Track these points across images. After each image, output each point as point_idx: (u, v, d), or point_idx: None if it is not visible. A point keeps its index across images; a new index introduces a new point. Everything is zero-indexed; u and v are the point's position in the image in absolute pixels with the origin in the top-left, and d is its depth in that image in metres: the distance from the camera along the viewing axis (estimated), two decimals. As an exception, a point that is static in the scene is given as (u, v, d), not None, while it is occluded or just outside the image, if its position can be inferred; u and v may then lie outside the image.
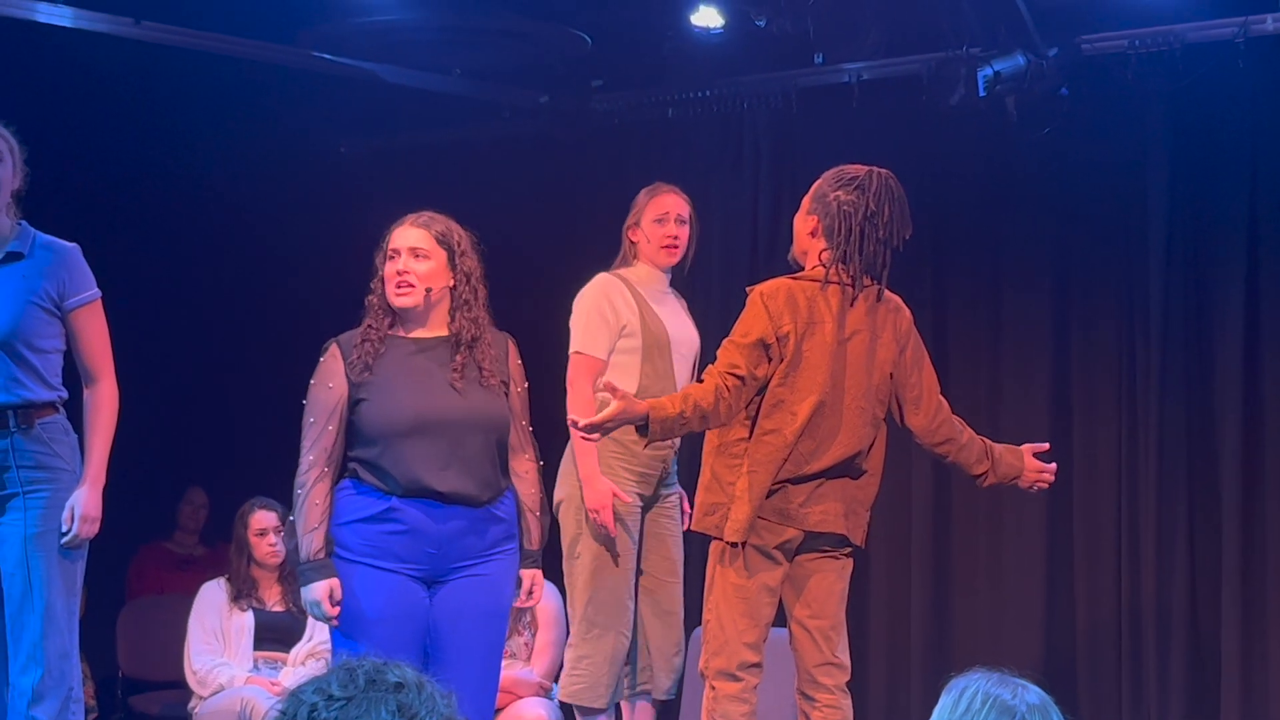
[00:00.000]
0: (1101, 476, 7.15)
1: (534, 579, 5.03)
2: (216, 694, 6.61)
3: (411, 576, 4.82)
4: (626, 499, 5.73)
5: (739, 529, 5.04)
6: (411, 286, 4.84)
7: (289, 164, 8.04)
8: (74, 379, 5.02)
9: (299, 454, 4.82)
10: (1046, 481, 5.33)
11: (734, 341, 5.06)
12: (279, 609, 6.82)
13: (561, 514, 5.88)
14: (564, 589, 6.06)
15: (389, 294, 4.86)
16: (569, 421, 5.19)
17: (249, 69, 7.42)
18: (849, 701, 5.21)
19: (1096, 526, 7.14)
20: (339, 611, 4.77)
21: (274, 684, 6.55)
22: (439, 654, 4.85)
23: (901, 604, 7.47)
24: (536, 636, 6.63)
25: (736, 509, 5.05)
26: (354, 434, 4.82)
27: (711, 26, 7.19)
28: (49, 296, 4.88)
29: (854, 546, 5.23)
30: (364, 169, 8.35)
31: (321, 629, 6.44)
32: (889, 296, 5.20)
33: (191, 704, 6.73)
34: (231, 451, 8.35)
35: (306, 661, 6.70)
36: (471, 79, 7.93)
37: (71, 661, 4.93)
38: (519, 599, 5.03)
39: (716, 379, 4.99)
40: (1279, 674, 6.73)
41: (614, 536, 5.78)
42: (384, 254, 4.90)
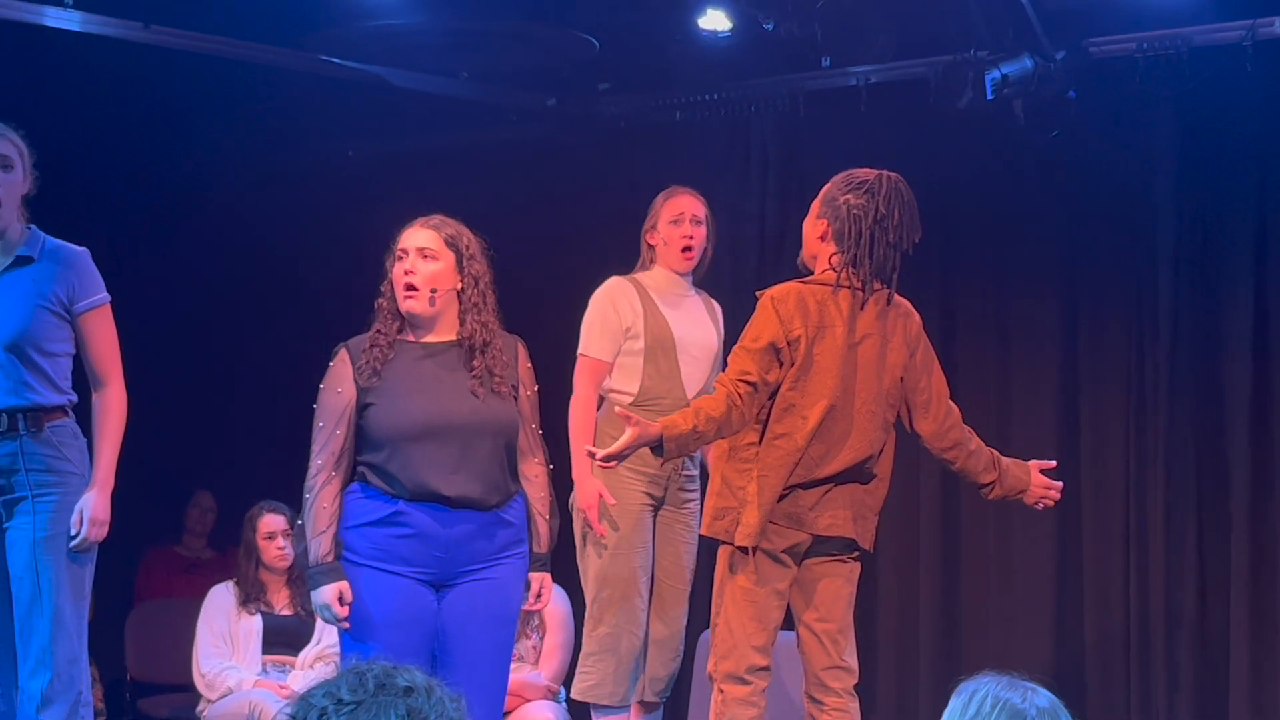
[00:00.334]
0: (1110, 481, 7.14)
1: (542, 582, 5.03)
2: (225, 697, 6.61)
3: (419, 580, 4.83)
4: (612, 500, 5.74)
5: (750, 534, 5.04)
6: (417, 290, 4.84)
7: (297, 168, 8.04)
8: (83, 383, 5.02)
9: (308, 458, 4.83)
10: (1052, 499, 5.32)
11: (744, 347, 5.05)
12: (287, 612, 6.83)
13: (575, 512, 5.90)
14: (576, 589, 6.09)
15: (398, 298, 4.87)
16: (586, 452, 5.20)
17: (257, 73, 7.42)
18: (857, 705, 5.21)
19: (1105, 531, 7.13)
20: (349, 614, 4.77)
21: (282, 687, 6.56)
22: (447, 657, 4.85)
23: (910, 608, 7.46)
24: (544, 639, 6.64)
25: (747, 514, 5.05)
26: (363, 438, 4.83)
27: (719, 30, 7.18)
28: (58, 300, 4.88)
29: (862, 551, 5.23)
30: (372, 173, 8.35)
31: (330, 632, 6.44)
32: (899, 301, 5.20)
33: (200, 707, 6.73)
34: (240, 455, 8.35)
35: (315, 665, 6.71)
36: (479, 82, 7.93)
37: (80, 665, 4.93)
38: (527, 602, 5.03)
39: (728, 387, 4.99)
40: (1288, 678, 6.74)
41: (602, 535, 5.79)
42: (393, 256, 4.91)
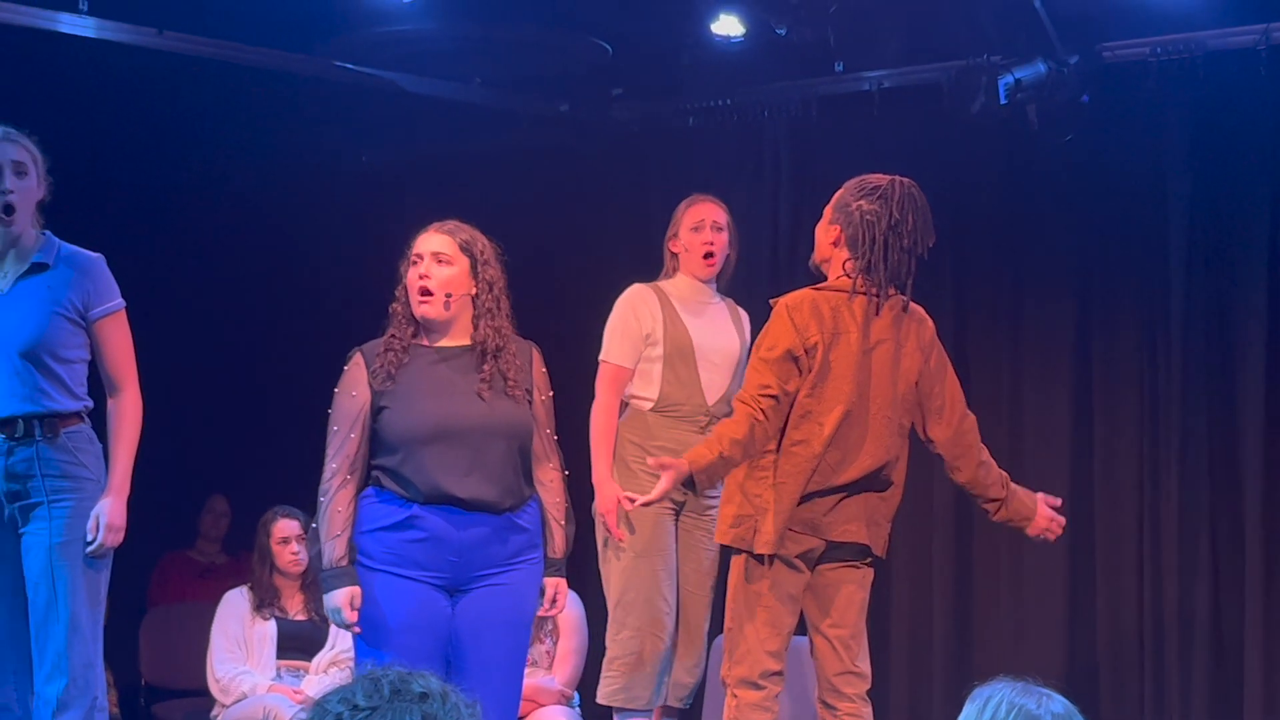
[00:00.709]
0: (1123, 484, 7.13)
1: (557, 587, 5.03)
2: (239, 702, 6.61)
3: (433, 585, 4.83)
4: (629, 506, 5.75)
5: (769, 541, 5.04)
6: (431, 294, 4.85)
7: (311, 173, 8.04)
8: (98, 388, 5.03)
9: (323, 462, 4.84)
10: (1054, 533, 5.33)
11: (761, 359, 5.05)
12: (301, 618, 6.83)
13: (597, 518, 5.92)
14: (589, 594, 6.10)
15: (411, 302, 4.88)
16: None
17: (270, 79, 7.42)
18: (870, 710, 5.22)
19: (1118, 534, 7.13)
20: (359, 618, 4.78)
21: (296, 692, 6.56)
22: (461, 663, 4.85)
23: (923, 613, 7.46)
24: (558, 644, 6.64)
25: (766, 522, 5.04)
26: (377, 442, 4.83)
27: (732, 35, 7.18)
28: (74, 307, 4.89)
29: (875, 556, 5.23)
30: (385, 178, 8.36)
31: (344, 637, 6.44)
32: (914, 307, 5.20)
33: (214, 712, 6.73)
34: (254, 460, 8.36)
35: (329, 670, 6.71)
36: (492, 88, 7.94)
37: (96, 670, 4.94)
38: (542, 607, 5.04)
39: (749, 406, 4.99)
40: (1302, 682, 6.73)
41: (620, 540, 5.80)
42: (408, 261, 4.92)
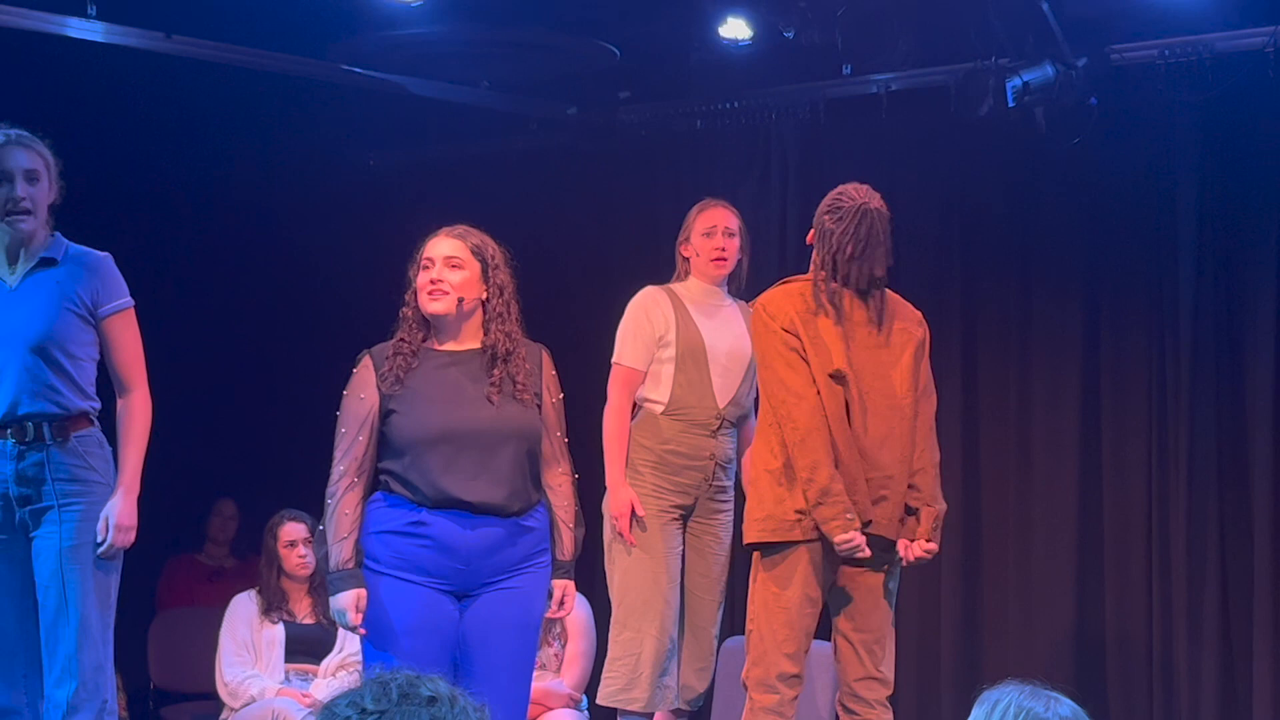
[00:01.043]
0: (1131, 486, 7.13)
1: (565, 589, 5.03)
2: (248, 705, 6.61)
3: (440, 589, 4.83)
4: (642, 511, 5.75)
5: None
6: (445, 293, 4.85)
7: (318, 177, 8.05)
8: (106, 390, 5.03)
9: (330, 465, 4.84)
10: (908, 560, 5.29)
11: (767, 367, 5.14)
12: (309, 621, 6.83)
13: (606, 518, 5.92)
14: (598, 596, 6.11)
15: (421, 302, 4.87)
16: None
17: (279, 82, 7.43)
18: (890, 716, 5.22)
19: (1127, 533, 7.12)
20: (366, 621, 4.78)
21: (305, 696, 6.56)
22: (469, 666, 4.85)
23: (931, 613, 7.45)
24: (567, 647, 6.64)
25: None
26: (385, 445, 4.84)
27: (740, 38, 7.17)
28: (82, 303, 4.89)
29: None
30: (393, 181, 8.36)
31: (352, 641, 6.45)
32: (906, 309, 5.24)
33: (223, 715, 6.74)
34: (262, 463, 8.36)
35: (337, 673, 6.71)
36: (500, 91, 7.93)
37: (106, 674, 4.93)
38: (550, 610, 5.04)
39: (777, 432, 5.08)
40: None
41: (633, 544, 5.81)
42: (417, 265, 4.91)
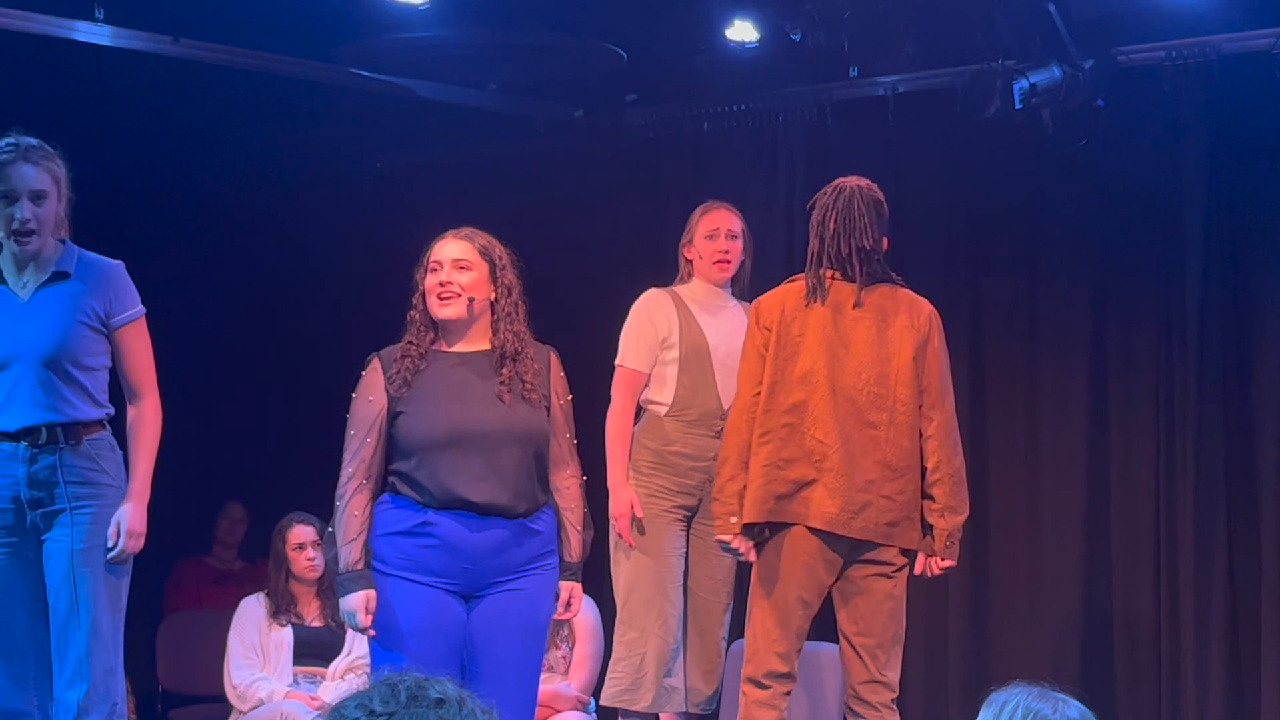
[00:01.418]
0: (1139, 486, 7.13)
1: (572, 591, 5.03)
2: (256, 708, 6.62)
3: (448, 590, 4.84)
4: (641, 513, 5.75)
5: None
6: (455, 296, 4.87)
7: (325, 179, 8.06)
8: (117, 395, 5.04)
9: (339, 467, 4.85)
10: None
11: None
12: (318, 624, 6.83)
13: (611, 520, 5.94)
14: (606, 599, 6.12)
15: (431, 305, 4.88)
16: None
17: (285, 85, 7.43)
18: (896, 718, 5.22)
19: (1134, 536, 7.12)
20: (374, 623, 4.79)
21: (313, 699, 6.56)
22: (476, 668, 4.86)
23: (939, 616, 7.45)
24: (574, 650, 6.64)
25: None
26: (393, 447, 4.85)
27: (746, 40, 7.17)
28: (95, 314, 4.91)
29: (908, 559, 5.24)
30: (400, 184, 8.37)
31: (361, 643, 6.45)
32: (907, 298, 5.25)
33: (231, 718, 6.74)
34: (270, 466, 8.37)
35: (345, 676, 6.71)
36: (506, 94, 7.94)
37: (116, 676, 4.95)
38: (557, 612, 5.04)
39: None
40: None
41: (631, 546, 5.82)
42: (424, 268, 4.92)
